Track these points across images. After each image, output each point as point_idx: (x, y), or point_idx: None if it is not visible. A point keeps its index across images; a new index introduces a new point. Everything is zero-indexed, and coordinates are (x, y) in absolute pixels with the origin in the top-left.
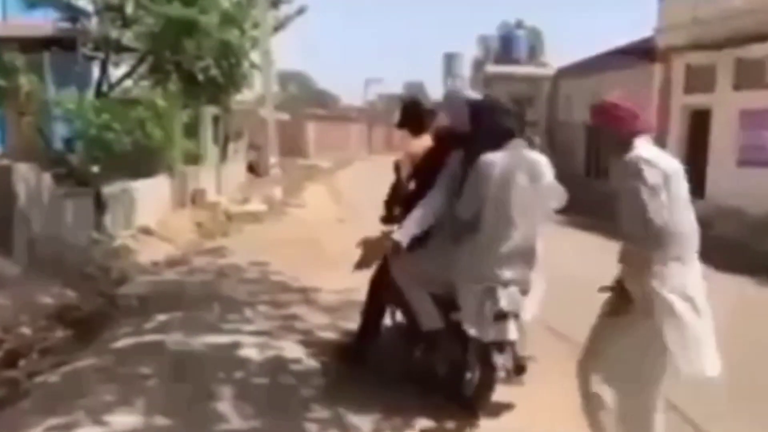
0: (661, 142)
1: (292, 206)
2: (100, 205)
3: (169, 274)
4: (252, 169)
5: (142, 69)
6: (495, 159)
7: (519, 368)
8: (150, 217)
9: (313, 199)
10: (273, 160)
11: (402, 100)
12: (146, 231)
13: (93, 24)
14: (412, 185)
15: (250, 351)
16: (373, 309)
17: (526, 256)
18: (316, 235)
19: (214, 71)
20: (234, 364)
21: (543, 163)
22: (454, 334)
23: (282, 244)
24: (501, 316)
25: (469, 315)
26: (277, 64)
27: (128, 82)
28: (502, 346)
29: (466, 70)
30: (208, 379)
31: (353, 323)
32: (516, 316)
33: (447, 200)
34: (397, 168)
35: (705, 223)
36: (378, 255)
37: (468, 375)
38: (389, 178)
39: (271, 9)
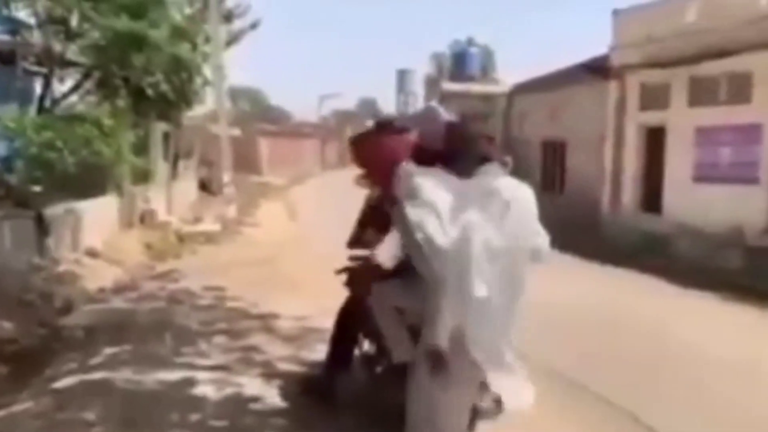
0: (617, 159)
1: (246, 225)
2: (42, 228)
3: (118, 301)
4: (204, 186)
5: (89, 84)
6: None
7: (498, 403)
8: (97, 239)
9: (268, 218)
10: (227, 177)
11: (375, 119)
12: (93, 254)
13: (35, 37)
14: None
15: (207, 389)
16: (342, 338)
17: None
18: (272, 256)
19: (164, 87)
20: (190, 405)
21: (518, 192)
22: None
23: (237, 266)
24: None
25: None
26: (229, 80)
27: (73, 98)
28: (483, 382)
29: (418, 86)
30: (161, 424)
31: (316, 353)
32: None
33: None
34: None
35: (663, 239)
36: (368, 281)
37: None
38: (344, 194)
39: (224, 23)
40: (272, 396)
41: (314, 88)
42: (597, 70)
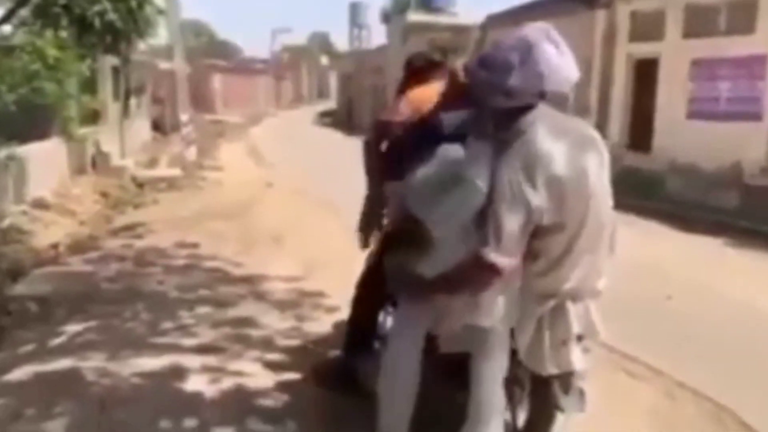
0: (604, 93)
1: (208, 170)
2: None
3: (76, 262)
4: (156, 126)
5: (24, 12)
6: (552, 143)
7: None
8: (45, 188)
9: (231, 161)
10: (185, 117)
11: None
12: (42, 205)
13: None
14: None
15: (199, 381)
16: (364, 314)
17: (598, 252)
18: (245, 204)
19: (111, 15)
20: (180, 406)
21: (598, 136)
22: None
23: (208, 217)
24: (566, 341)
25: (524, 342)
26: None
27: (6, 28)
28: (566, 379)
29: (372, 19)
30: None
31: (320, 325)
32: (581, 337)
33: None
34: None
35: (654, 179)
36: None
37: (511, 414)
38: (307, 135)
39: None
40: (281, 389)
41: (262, 22)
42: None
